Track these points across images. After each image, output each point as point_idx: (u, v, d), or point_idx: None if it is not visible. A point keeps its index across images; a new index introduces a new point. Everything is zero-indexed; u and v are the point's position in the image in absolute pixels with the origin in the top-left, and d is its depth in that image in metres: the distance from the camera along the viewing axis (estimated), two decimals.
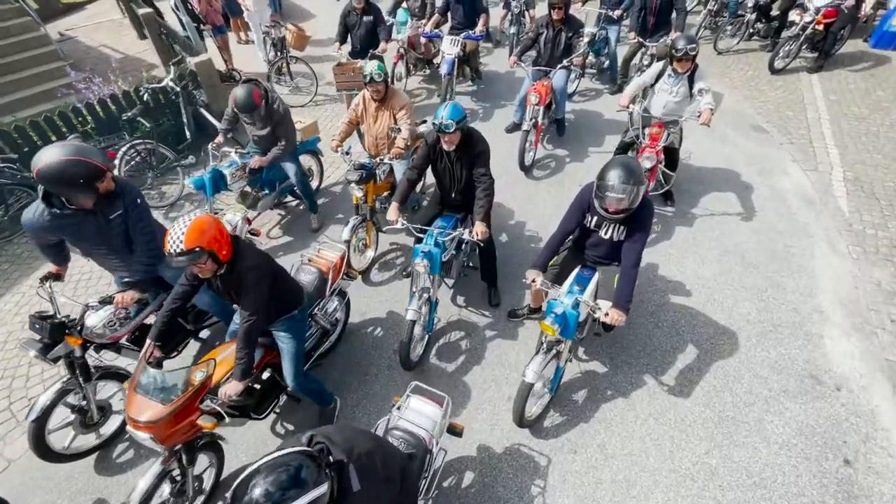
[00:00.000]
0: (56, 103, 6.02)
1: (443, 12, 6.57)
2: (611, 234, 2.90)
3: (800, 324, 3.78)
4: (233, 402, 2.41)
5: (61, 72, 7.22)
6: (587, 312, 2.89)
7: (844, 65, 7.26)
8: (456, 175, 3.45)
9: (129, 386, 2.31)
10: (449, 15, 6.59)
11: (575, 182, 5.36)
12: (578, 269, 3.14)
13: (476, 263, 3.97)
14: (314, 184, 5.27)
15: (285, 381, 2.84)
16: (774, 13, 7.82)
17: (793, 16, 7.42)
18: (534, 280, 2.97)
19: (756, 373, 3.45)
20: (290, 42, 6.85)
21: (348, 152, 4.00)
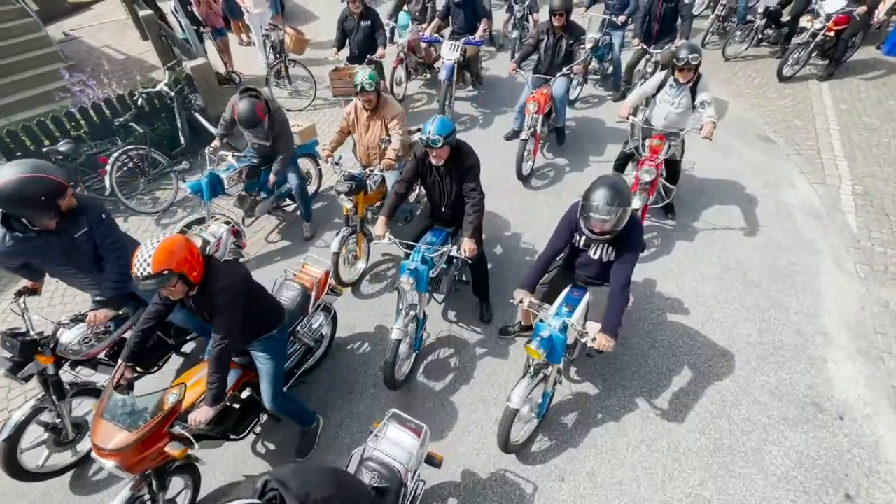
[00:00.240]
0: (53, 106, 5.99)
1: (443, 17, 6.47)
2: (600, 255, 2.79)
3: (802, 347, 3.64)
4: (202, 430, 2.33)
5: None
6: (576, 336, 2.78)
7: (856, 73, 7.06)
8: (446, 189, 3.35)
9: (96, 411, 2.23)
10: (450, 19, 6.49)
11: (574, 192, 5.22)
12: (569, 289, 3.03)
13: (468, 278, 3.87)
14: (312, 188, 5.20)
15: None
16: (785, 19, 7.63)
17: (804, 22, 7.23)
18: (521, 300, 2.88)
19: (755, 398, 3.32)
20: (289, 45, 6.78)
21: (338, 162, 3.91)
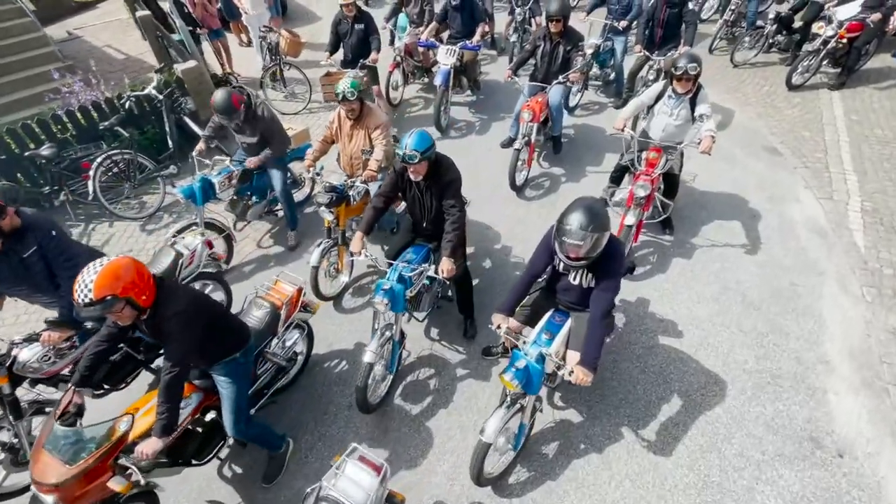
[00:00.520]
0: (44, 107, 5.94)
1: (441, 20, 6.32)
2: (580, 280, 2.63)
3: (802, 376, 3.44)
4: (149, 465, 2.21)
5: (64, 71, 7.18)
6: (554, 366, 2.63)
7: (869, 82, 6.79)
8: (426, 205, 3.20)
9: (36, 442, 2.12)
10: (447, 23, 6.34)
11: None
12: (550, 314, 2.88)
13: (453, 294, 3.72)
14: (304, 192, 5.09)
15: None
16: (796, 25, 7.38)
17: (815, 28, 6.97)
18: (499, 326, 2.73)
19: (749, 431, 3.13)
20: (284, 48, 6.68)
21: (319, 173, 3.78)
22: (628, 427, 3.18)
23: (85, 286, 1.92)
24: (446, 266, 2.95)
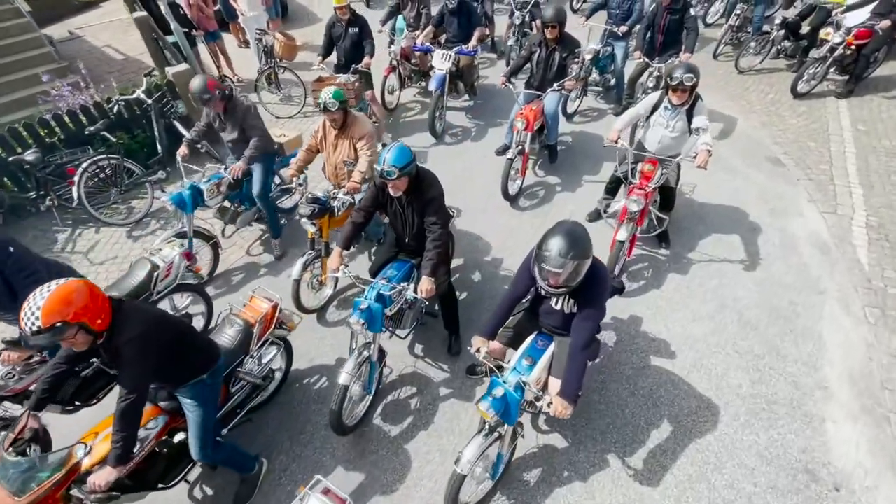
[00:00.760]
0: (41, 108, 5.89)
1: (437, 24, 6.21)
2: (561, 306, 2.51)
3: (799, 402, 3.30)
4: (100, 497, 2.12)
5: (59, 73, 7.14)
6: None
7: (878, 90, 6.60)
8: (408, 220, 3.10)
9: None
10: (444, 27, 6.23)
11: (563, 216, 4.91)
12: (533, 337, 2.76)
13: (437, 310, 3.61)
14: (294, 199, 5.00)
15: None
16: (804, 31, 7.19)
17: (823, 34, 6.78)
18: (478, 349, 2.62)
19: (741, 461, 3.00)
20: (278, 51, 6.59)
21: (302, 183, 3.69)
22: (615, 454, 3.05)
23: (32, 313, 1.82)
24: (426, 286, 2.85)
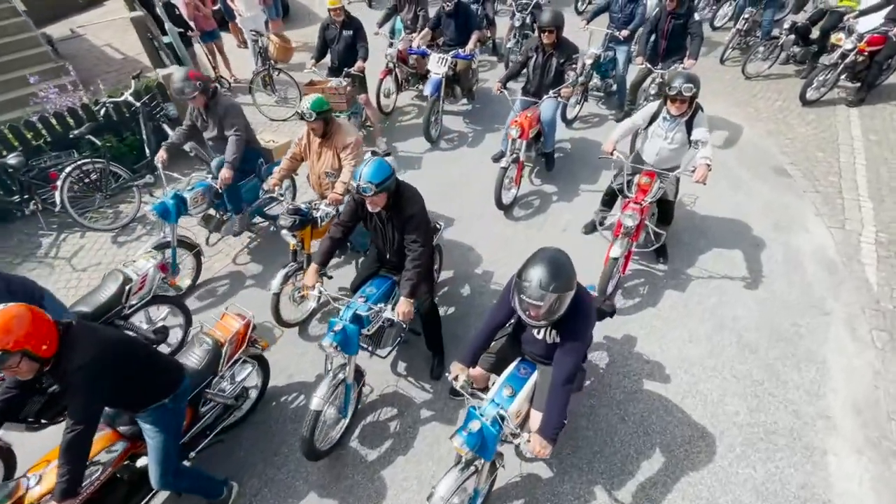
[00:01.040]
0: (28, 110, 5.83)
1: (434, 26, 6.06)
2: (544, 335, 2.36)
3: (799, 432, 3.12)
4: None
5: (55, 72, 7.08)
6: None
7: (891, 99, 6.36)
8: (388, 236, 2.96)
9: None
10: (441, 30, 6.08)
11: (558, 227, 4.78)
12: (515, 365, 2.62)
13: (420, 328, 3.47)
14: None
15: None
16: (814, 35, 6.96)
17: (835, 39, 6.56)
18: (456, 377, 2.48)
19: (736, 497, 2.83)
20: (273, 53, 6.48)
21: (283, 194, 3.55)
22: (602, 486, 2.90)
23: None
24: (403, 308, 2.71)
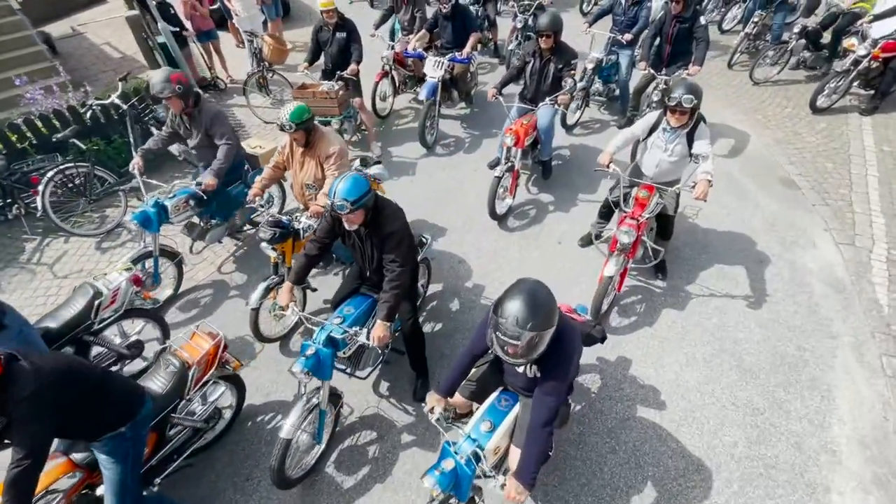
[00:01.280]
0: (16, 112, 5.74)
1: (430, 29, 5.91)
2: (524, 369, 2.20)
3: (801, 467, 2.93)
4: None
5: (46, 72, 7.01)
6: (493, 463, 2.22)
7: None
8: (367, 254, 2.81)
9: None
10: (438, 32, 5.92)
11: (553, 239, 4.60)
12: (497, 396, 2.46)
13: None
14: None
15: None
16: (825, 40, 6.72)
17: (847, 44, 6.32)
18: (432, 409, 2.34)
19: None
20: (267, 54, 6.35)
21: (263, 205, 3.41)
22: None
23: None
24: (378, 333, 2.56)
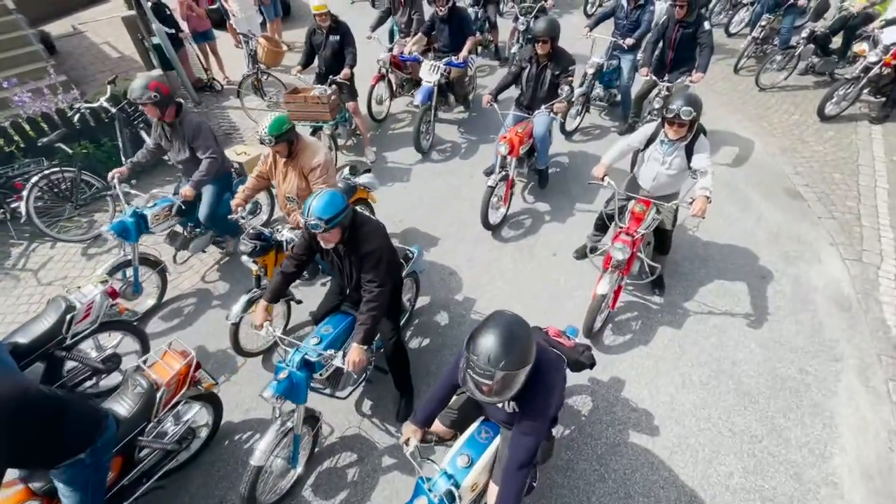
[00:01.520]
0: (2, 115, 5.67)
1: (426, 32, 5.77)
2: (503, 405, 2.07)
3: (800, 501, 2.79)
4: None
5: (40, 72, 6.95)
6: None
7: None
8: (346, 271, 2.69)
9: None
10: (434, 35, 5.79)
11: (548, 251, 4.47)
12: (477, 427, 2.34)
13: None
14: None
15: None
16: (834, 45, 6.52)
17: (857, 49, 6.13)
18: (407, 440, 2.23)
19: None
20: (261, 56, 6.25)
21: (244, 217, 3.30)
22: None
23: None
24: (353, 357, 2.45)
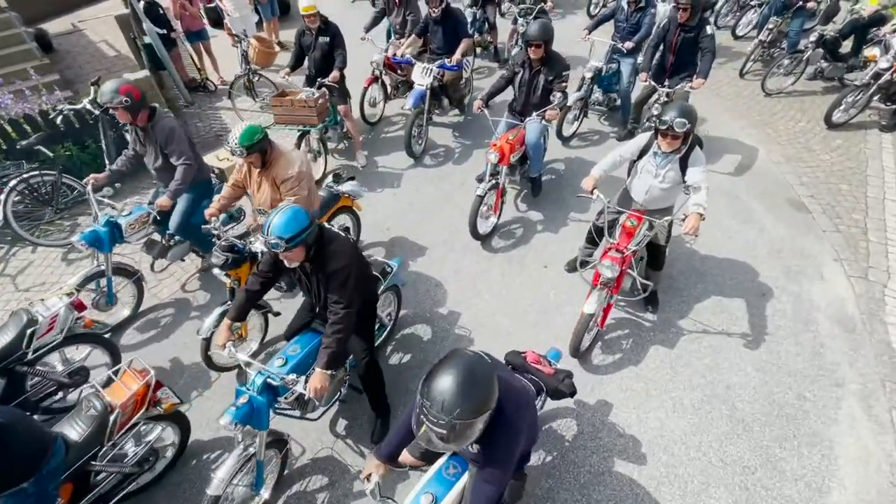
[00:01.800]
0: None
1: (420, 34, 5.62)
2: (466, 447, 1.93)
3: None
4: None
5: (27, 73, 6.88)
6: None
7: None
8: (314, 290, 2.56)
9: None
10: (428, 37, 5.64)
11: (539, 262, 4.31)
12: (445, 461, 2.19)
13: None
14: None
15: None
16: (844, 50, 6.29)
17: (868, 54, 5.90)
18: (368, 476, 2.09)
19: None
20: (253, 57, 6.13)
21: (217, 228, 3.16)
22: None
23: None
24: (315, 384, 2.32)
